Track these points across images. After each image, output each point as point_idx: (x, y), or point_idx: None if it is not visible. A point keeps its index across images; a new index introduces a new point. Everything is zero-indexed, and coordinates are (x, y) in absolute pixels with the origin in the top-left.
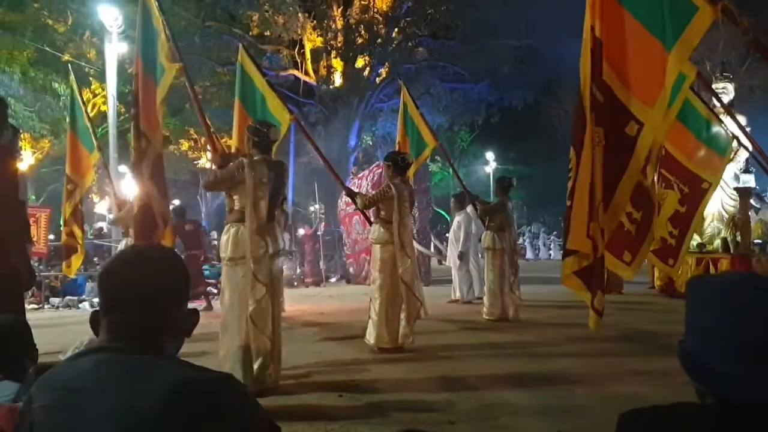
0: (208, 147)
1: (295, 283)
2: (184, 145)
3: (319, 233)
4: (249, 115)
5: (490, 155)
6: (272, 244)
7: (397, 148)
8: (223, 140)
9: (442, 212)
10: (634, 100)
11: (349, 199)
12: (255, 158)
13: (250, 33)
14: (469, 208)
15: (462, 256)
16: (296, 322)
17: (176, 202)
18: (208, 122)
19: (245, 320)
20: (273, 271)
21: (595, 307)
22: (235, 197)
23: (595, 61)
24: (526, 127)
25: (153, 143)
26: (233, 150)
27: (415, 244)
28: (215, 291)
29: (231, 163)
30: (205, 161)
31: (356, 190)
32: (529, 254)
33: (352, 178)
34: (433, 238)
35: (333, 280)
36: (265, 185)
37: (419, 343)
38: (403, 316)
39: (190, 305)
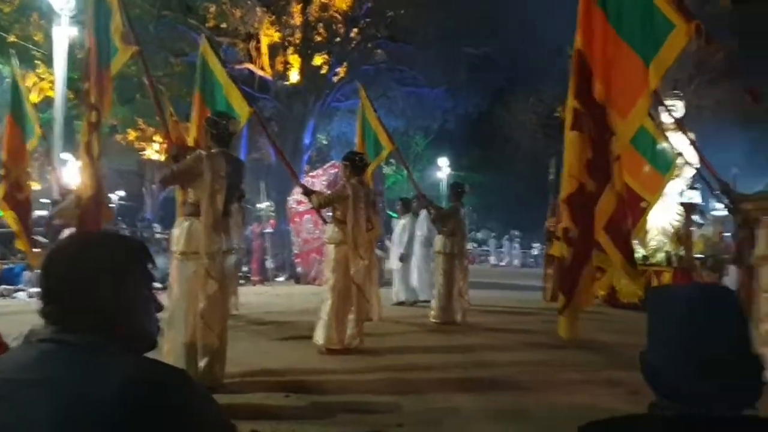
0: (161, 137)
1: (242, 281)
2: (131, 135)
3: (267, 231)
4: (208, 108)
5: (443, 161)
6: (226, 240)
7: (356, 149)
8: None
9: (395, 215)
10: (610, 111)
11: (300, 197)
12: (213, 151)
13: (206, 24)
14: (423, 213)
15: (403, 258)
16: (243, 321)
17: (121, 193)
18: (170, 110)
19: (192, 316)
20: (225, 267)
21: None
22: (190, 190)
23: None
24: (479, 134)
25: (103, 116)
26: (191, 139)
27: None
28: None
29: (188, 156)
30: (152, 152)
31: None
32: (493, 260)
33: (306, 177)
34: (386, 240)
35: (281, 279)
36: (223, 179)
37: (368, 345)
38: (351, 317)
39: None
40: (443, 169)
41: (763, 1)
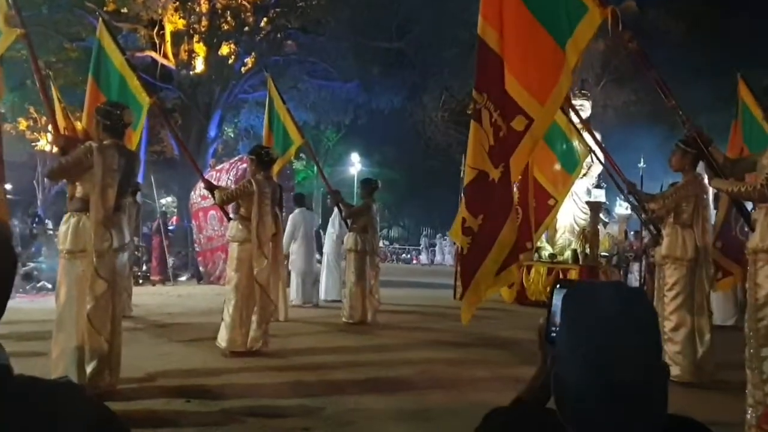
0: (50, 127)
1: (141, 281)
2: (22, 124)
3: (170, 228)
4: (103, 95)
5: (355, 156)
6: (117, 237)
7: (264, 143)
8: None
9: None
10: (525, 96)
11: (204, 192)
12: (105, 143)
13: (105, 8)
14: (335, 209)
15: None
16: (142, 323)
17: (8, 186)
18: (56, 98)
19: (82, 319)
20: (116, 266)
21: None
22: (78, 184)
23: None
24: (392, 131)
25: None
26: (81, 130)
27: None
28: (49, 286)
29: (77, 148)
30: (45, 143)
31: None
32: (424, 259)
33: (210, 171)
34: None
35: (183, 278)
36: (115, 172)
37: (273, 346)
38: (254, 318)
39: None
40: (355, 165)
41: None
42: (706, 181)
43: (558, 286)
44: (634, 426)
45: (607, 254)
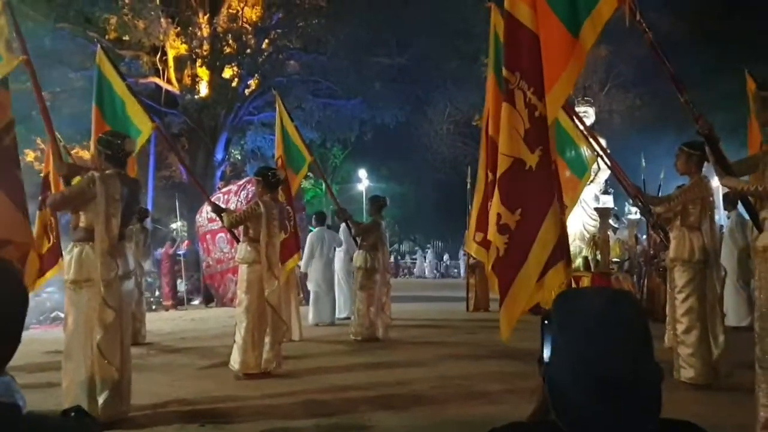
0: (52, 157)
1: (154, 307)
2: (30, 155)
3: (180, 253)
4: (107, 123)
5: (362, 173)
6: (122, 265)
7: (278, 163)
8: (74, 151)
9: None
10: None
11: (211, 215)
12: (107, 172)
13: (107, 37)
14: (343, 226)
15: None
16: (154, 349)
17: None
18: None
19: (90, 348)
20: (123, 294)
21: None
22: (81, 214)
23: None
24: (398, 145)
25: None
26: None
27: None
28: (62, 315)
29: (80, 178)
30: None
31: (224, 206)
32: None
33: (218, 194)
34: None
35: (195, 302)
36: (118, 202)
37: (287, 367)
38: (267, 340)
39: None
40: (363, 181)
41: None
42: (712, 183)
43: (546, 322)
44: (624, 423)
45: (618, 260)
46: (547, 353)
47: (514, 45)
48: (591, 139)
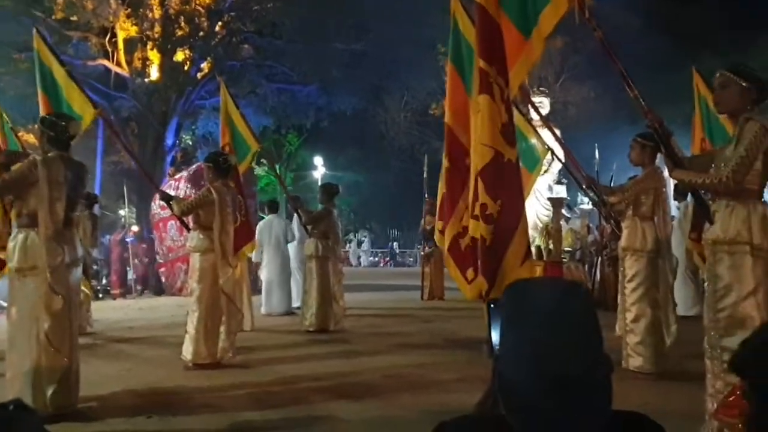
0: None
1: (100, 295)
2: None
3: (128, 240)
4: (53, 108)
5: (318, 160)
6: (69, 251)
7: (225, 150)
8: (20, 134)
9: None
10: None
11: (163, 203)
12: (50, 155)
13: (54, 17)
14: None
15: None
16: (101, 338)
17: None
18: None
19: (36, 338)
20: (70, 281)
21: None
22: (24, 199)
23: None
24: (355, 133)
25: None
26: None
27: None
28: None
29: (20, 163)
30: None
31: (173, 193)
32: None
33: (169, 180)
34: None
35: (144, 291)
36: (62, 185)
37: (239, 358)
38: (223, 329)
39: None
40: (319, 168)
41: None
42: (665, 173)
43: (493, 306)
44: (576, 419)
45: (570, 249)
46: (495, 338)
47: (488, 38)
48: (547, 129)
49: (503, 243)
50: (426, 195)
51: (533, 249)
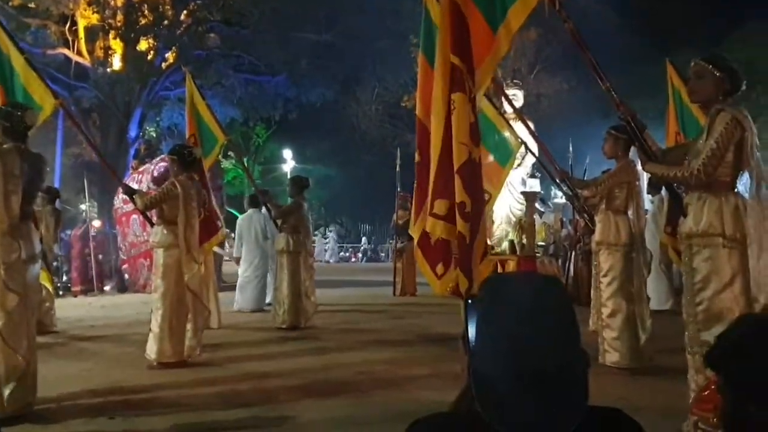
0: None
1: (61, 292)
2: None
3: (91, 234)
4: (10, 98)
5: (288, 153)
6: (26, 247)
7: (190, 142)
8: None
9: (236, 213)
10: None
11: (126, 197)
12: (5, 147)
13: (11, 2)
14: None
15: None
16: (62, 337)
17: None
18: None
19: None
20: (27, 279)
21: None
22: None
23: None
24: (325, 125)
25: None
26: None
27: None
28: None
29: None
30: None
31: (137, 187)
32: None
33: (132, 173)
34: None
35: (107, 288)
36: (18, 178)
37: (205, 356)
38: (189, 326)
39: None
40: (288, 161)
41: None
42: (639, 167)
43: (470, 301)
44: (554, 414)
45: (544, 244)
46: (471, 334)
47: (459, 34)
48: (520, 122)
49: (480, 240)
50: (398, 189)
51: (506, 243)
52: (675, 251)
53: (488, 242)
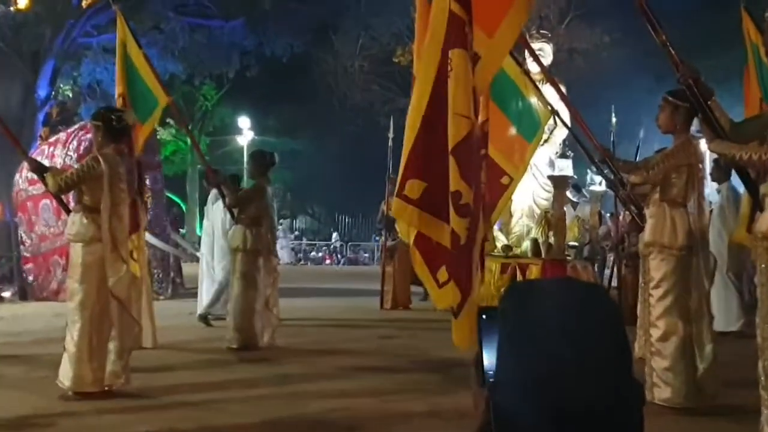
0: None
1: None
2: None
3: None
4: None
5: (244, 122)
6: None
7: (119, 103)
8: None
9: (176, 198)
10: (475, 31)
11: (32, 175)
12: None
13: None
14: (213, 193)
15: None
16: None
17: None
18: None
19: None
20: None
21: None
22: None
23: None
24: (293, 86)
25: None
26: None
27: (150, 237)
28: None
29: None
30: None
31: (47, 163)
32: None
33: (41, 145)
34: (172, 232)
35: (7, 294)
36: None
37: (137, 383)
38: (112, 346)
39: None
40: (245, 132)
41: None
42: (703, 146)
43: (484, 317)
44: None
45: (576, 244)
46: (488, 361)
47: None
48: (549, 84)
49: (475, 241)
50: (390, 171)
51: (527, 243)
52: None
53: (504, 240)
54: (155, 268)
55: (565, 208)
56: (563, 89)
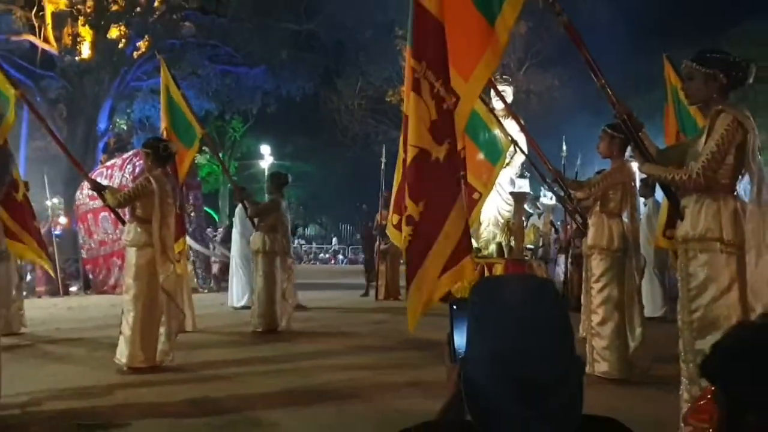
0: None
1: (25, 293)
2: None
3: (55, 232)
4: None
5: (265, 149)
6: None
7: (164, 135)
8: None
9: (211, 212)
10: (452, 74)
11: (92, 192)
12: None
13: None
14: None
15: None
16: (27, 340)
17: None
18: None
19: None
20: None
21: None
22: None
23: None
24: (305, 120)
25: None
26: None
27: (192, 242)
28: None
29: None
30: None
31: (106, 183)
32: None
33: (100, 168)
34: (209, 238)
35: (74, 288)
36: None
37: (178, 360)
38: (162, 330)
39: None
40: (266, 157)
41: None
42: (634, 167)
43: (454, 307)
44: (547, 424)
45: (532, 247)
46: (459, 341)
47: (421, 33)
48: (511, 118)
49: (424, 248)
50: (383, 188)
51: (493, 246)
52: (675, 256)
53: (474, 244)
54: (198, 267)
55: (523, 218)
56: (522, 123)
